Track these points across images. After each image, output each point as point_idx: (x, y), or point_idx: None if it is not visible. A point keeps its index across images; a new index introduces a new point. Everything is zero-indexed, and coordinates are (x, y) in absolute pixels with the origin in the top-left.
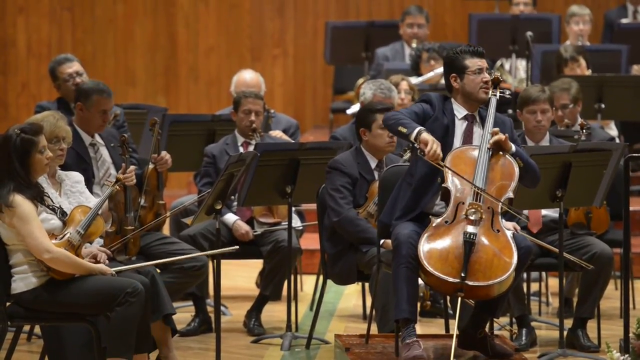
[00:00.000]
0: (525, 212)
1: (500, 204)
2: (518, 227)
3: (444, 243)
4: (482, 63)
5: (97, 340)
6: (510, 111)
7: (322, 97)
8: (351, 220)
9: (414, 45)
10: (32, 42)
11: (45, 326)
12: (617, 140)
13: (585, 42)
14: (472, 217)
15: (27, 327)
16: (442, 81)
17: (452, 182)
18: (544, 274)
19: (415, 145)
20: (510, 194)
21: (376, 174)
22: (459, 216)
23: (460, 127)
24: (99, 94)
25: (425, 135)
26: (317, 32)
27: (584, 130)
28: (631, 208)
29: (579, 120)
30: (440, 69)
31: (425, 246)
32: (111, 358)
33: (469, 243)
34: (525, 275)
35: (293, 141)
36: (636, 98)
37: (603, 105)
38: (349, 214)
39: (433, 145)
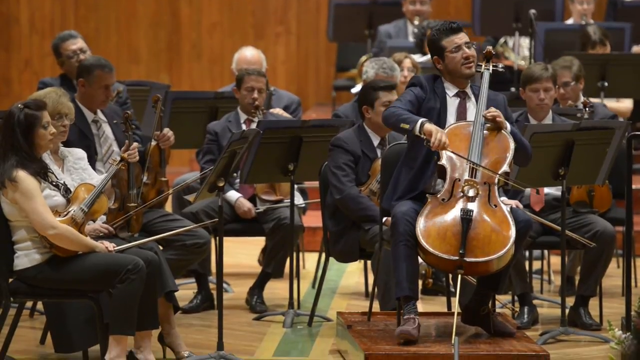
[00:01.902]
0: (528, 190)
1: (497, 176)
2: (520, 205)
3: (441, 221)
4: (459, 39)
5: (99, 316)
6: (513, 89)
7: (324, 74)
8: (353, 198)
9: (416, 22)
10: (35, 18)
11: (48, 302)
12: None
13: (589, 20)
14: (468, 194)
15: (29, 304)
16: None
17: (448, 159)
18: (546, 252)
19: (422, 136)
20: (506, 168)
21: (379, 152)
22: (456, 193)
23: (452, 104)
24: (100, 69)
25: (429, 126)
26: (320, 9)
27: (587, 109)
28: (634, 186)
29: (582, 98)
30: None
31: (422, 225)
32: (114, 335)
33: (466, 220)
34: (527, 253)
35: (294, 118)
36: (639, 76)
37: (606, 84)
38: (351, 191)
39: (437, 134)
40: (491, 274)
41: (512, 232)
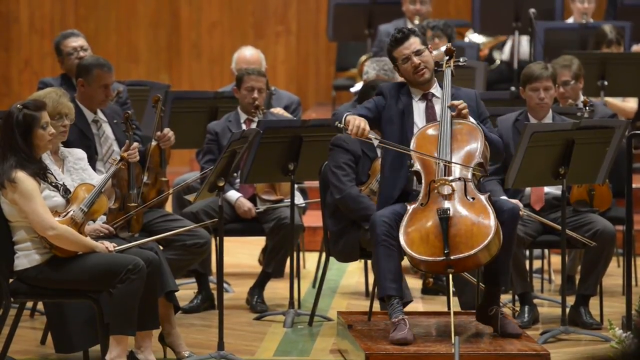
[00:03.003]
0: (528, 189)
1: (471, 168)
2: (521, 205)
3: (422, 225)
4: (406, 49)
5: (99, 316)
6: (512, 88)
7: (324, 74)
8: (353, 198)
9: (416, 22)
10: (34, 18)
11: (48, 303)
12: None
13: (590, 19)
14: (443, 193)
15: (30, 304)
16: None
17: (420, 163)
18: (546, 251)
19: (340, 125)
20: (479, 159)
21: (379, 152)
22: (432, 195)
23: (418, 107)
24: (99, 68)
25: (349, 117)
26: (320, 8)
27: (587, 108)
28: (634, 185)
29: (582, 97)
30: (443, 47)
31: (405, 234)
32: (114, 335)
33: (444, 219)
34: (527, 252)
35: (294, 118)
36: (639, 75)
37: (606, 83)
38: (351, 191)
39: (355, 121)
40: (491, 271)
41: (493, 221)
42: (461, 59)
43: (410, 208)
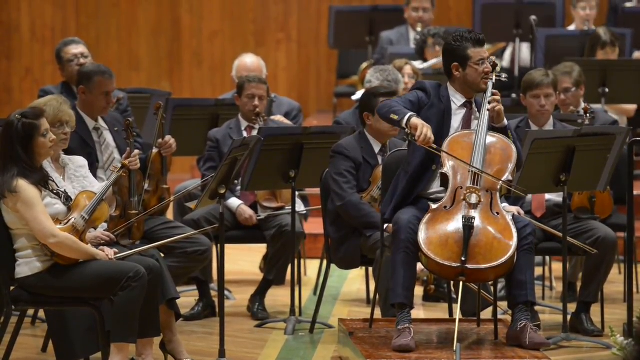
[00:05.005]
0: (529, 196)
1: (500, 182)
2: (522, 212)
3: (443, 228)
4: (484, 53)
5: (101, 324)
6: (513, 95)
7: (325, 81)
8: (355, 205)
9: (418, 29)
10: (35, 26)
11: (50, 310)
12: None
13: (591, 26)
14: (470, 201)
15: (31, 312)
16: None
17: (450, 167)
18: (547, 258)
19: (406, 130)
20: (508, 176)
21: (380, 159)
22: (458, 201)
23: (458, 113)
24: (100, 75)
25: (415, 120)
26: (321, 16)
27: (588, 115)
28: (635, 192)
29: (582, 104)
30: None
31: (424, 233)
32: (115, 342)
33: (468, 227)
34: None
35: (295, 125)
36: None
37: (607, 90)
38: (352, 198)
39: (423, 129)
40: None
41: (515, 240)
42: (503, 76)
43: (434, 209)
